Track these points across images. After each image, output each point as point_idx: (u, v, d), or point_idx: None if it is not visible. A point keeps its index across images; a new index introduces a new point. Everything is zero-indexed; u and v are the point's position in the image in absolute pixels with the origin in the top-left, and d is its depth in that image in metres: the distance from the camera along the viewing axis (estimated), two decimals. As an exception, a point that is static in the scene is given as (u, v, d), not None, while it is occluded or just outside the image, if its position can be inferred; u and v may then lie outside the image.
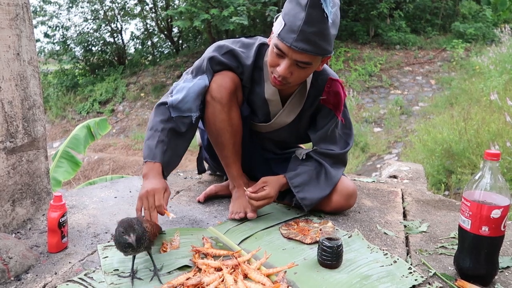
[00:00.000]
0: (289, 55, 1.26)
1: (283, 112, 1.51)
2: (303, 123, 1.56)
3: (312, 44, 1.23)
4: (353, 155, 6.71)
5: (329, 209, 1.53)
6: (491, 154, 1.04)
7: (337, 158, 1.54)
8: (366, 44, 10.80)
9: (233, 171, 1.56)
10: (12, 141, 1.34)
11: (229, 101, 1.43)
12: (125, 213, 1.54)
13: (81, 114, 11.01)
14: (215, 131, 1.47)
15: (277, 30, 1.27)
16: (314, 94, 1.49)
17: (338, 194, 1.51)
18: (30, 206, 1.44)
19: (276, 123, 1.54)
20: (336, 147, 1.54)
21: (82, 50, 13.21)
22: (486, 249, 1.07)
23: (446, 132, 4.48)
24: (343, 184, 1.52)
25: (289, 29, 1.23)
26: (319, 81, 1.48)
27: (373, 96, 9.02)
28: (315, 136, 1.54)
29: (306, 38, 1.22)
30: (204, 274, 1.08)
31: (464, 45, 9.64)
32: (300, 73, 1.31)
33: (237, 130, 1.49)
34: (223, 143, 1.49)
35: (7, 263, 1.10)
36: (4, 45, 1.29)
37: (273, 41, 1.30)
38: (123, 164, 8.22)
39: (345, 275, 1.11)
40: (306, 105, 1.51)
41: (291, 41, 1.23)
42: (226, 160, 1.54)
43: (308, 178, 1.49)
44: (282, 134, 1.60)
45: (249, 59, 1.45)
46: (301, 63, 1.27)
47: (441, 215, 1.58)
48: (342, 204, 1.53)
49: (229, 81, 1.43)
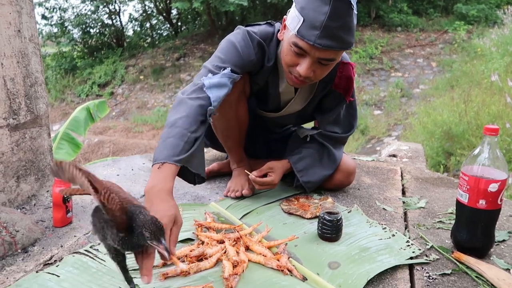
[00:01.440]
0: (311, 53, 1.16)
1: (294, 101, 1.47)
2: (311, 107, 1.53)
3: (337, 39, 1.13)
4: (353, 137, 6.72)
5: (330, 186, 1.56)
6: (490, 129, 1.06)
7: (339, 141, 1.54)
8: (367, 26, 10.69)
9: (235, 155, 1.58)
10: (15, 118, 1.35)
11: (237, 99, 1.42)
12: (128, 190, 1.56)
13: (80, 97, 10.98)
14: (221, 127, 1.48)
15: (294, 27, 1.15)
16: (326, 80, 1.39)
17: (339, 172, 1.53)
18: (34, 183, 1.46)
19: (286, 111, 1.52)
20: (339, 129, 1.52)
21: (80, 32, 13.08)
22: (483, 222, 1.09)
23: (446, 114, 4.48)
24: (344, 162, 1.54)
25: (309, 25, 1.12)
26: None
27: (373, 79, 8.98)
28: (321, 118, 1.52)
29: (330, 34, 1.11)
30: (207, 246, 1.10)
31: (466, 27, 9.55)
32: (323, 70, 1.22)
33: (243, 124, 1.49)
34: (228, 136, 1.51)
35: (14, 236, 1.13)
36: (5, 22, 1.29)
37: (290, 39, 1.18)
38: (123, 147, 8.24)
39: (344, 247, 1.14)
40: (317, 92, 1.46)
41: (313, 38, 1.12)
42: (229, 148, 1.56)
43: (312, 162, 1.48)
44: (289, 119, 1.60)
45: (271, 60, 1.35)
46: (325, 60, 1.18)
47: (440, 192, 1.61)
48: (343, 182, 1.55)
49: (240, 81, 1.35)
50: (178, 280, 0.97)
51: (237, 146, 1.55)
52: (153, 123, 8.91)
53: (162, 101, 9.93)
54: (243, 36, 1.31)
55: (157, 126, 8.79)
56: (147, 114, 9.56)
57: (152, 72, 10.92)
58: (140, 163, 1.88)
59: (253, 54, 1.31)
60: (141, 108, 9.97)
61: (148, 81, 10.82)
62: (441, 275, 1.03)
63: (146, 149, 7.87)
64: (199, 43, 11.76)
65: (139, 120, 9.15)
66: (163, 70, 10.98)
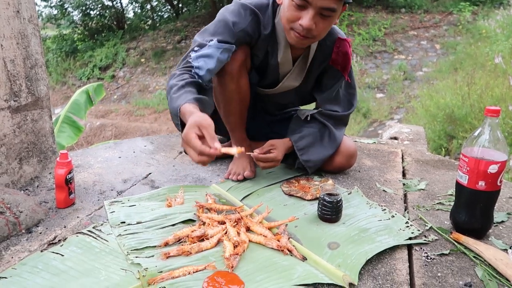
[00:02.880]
0: (313, 3, 1.19)
1: (291, 75, 1.49)
2: (309, 84, 1.55)
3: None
4: (354, 120, 6.70)
5: (331, 169, 1.56)
6: (491, 110, 1.05)
7: (340, 120, 1.55)
8: (370, 7, 10.53)
9: (237, 135, 1.58)
10: (16, 100, 1.36)
11: (238, 71, 1.41)
12: (130, 171, 1.58)
13: (82, 80, 10.93)
14: (223, 100, 1.48)
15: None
16: (322, 55, 1.45)
17: (340, 154, 1.53)
18: (37, 165, 1.47)
19: (283, 87, 1.53)
20: (340, 108, 1.54)
21: (80, 14, 12.93)
22: (482, 203, 1.10)
23: (449, 97, 4.46)
24: (345, 144, 1.54)
25: None
26: (328, 42, 1.44)
27: (376, 61, 8.89)
28: (321, 97, 1.54)
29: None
30: (208, 227, 1.12)
31: (471, 8, 9.39)
32: (325, 24, 1.25)
33: (244, 98, 1.49)
34: (230, 111, 1.50)
35: (18, 217, 1.14)
36: (4, 2, 1.27)
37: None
38: (125, 130, 8.25)
39: (344, 228, 1.15)
40: (314, 67, 1.48)
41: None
42: (231, 125, 1.56)
43: (313, 140, 1.50)
44: (288, 97, 1.60)
45: (267, 28, 1.38)
46: (326, 11, 1.21)
47: (440, 174, 1.61)
48: (344, 164, 1.56)
49: (240, 53, 1.38)
50: (180, 259, 0.99)
51: (239, 123, 1.54)
52: (155, 107, 8.89)
53: (164, 84, 9.88)
54: (235, 7, 1.35)
55: (158, 110, 8.77)
56: (149, 97, 9.53)
57: (153, 55, 10.84)
58: (142, 145, 1.89)
59: (244, 23, 1.33)
60: (143, 91, 9.94)
61: (149, 64, 10.75)
62: (439, 255, 1.05)
63: (148, 132, 7.88)
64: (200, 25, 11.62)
65: (140, 104, 9.13)
66: (164, 52, 10.90)
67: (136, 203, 1.28)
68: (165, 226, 1.15)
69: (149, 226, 1.14)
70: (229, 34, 1.32)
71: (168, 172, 1.58)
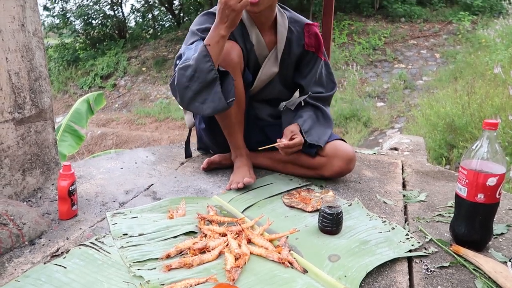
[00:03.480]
0: None
1: (269, 60, 1.61)
2: (289, 71, 1.67)
3: None
4: (355, 129, 6.72)
5: (331, 173, 1.58)
6: (489, 124, 1.06)
7: (326, 100, 1.67)
8: (370, 16, 10.62)
9: (236, 140, 1.60)
10: (20, 112, 1.37)
11: (233, 70, 1.46)
12: (132, 182, 1.59)
13: (83, 88, 10.99)
14: None
15: None
16: (296, 41, 1.62)
17: (339, 158, 1.55)
18: (40, 176, 1.48)
19: (264, 74, 1.63)
20: (323, 89, 1.67)
21: (82, 23, 13.04)
22: (481, 216, 1.10)
23: (449, 107, 4.48)
24: (343, 148, 1.56)
25: None
26: (297, 27, 1.62)
27: (376, 70, 8.94)
28: (305, 81, 1.66)
29: None
30: (210, 239, 1.13)
31: (470, 18, 9.46)
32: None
33: (240, 99, 1.53)
34: (226, 114, 1.53)
35: (21, 229, 1.15)
36: (9, 16, 1.30)
37: None
38: (126, 139, 8.27)
39: (344, 240, 1.16)
40: (291, 52, 1.62)
41: None
42: (229, 129, 1.58)
43: (312, 122, 1.59)
44: (274, 89, 1.69)
45: None
46: None
47: (440, 185, 1.62)
48: (343, 168, 1.57)
49: (233, 53, 1.46)
50: (181, 272, 1.00)
51: (236, 127, 1.58)
52: (156, 115, 8.92)
53: (165, 93, 9.93)
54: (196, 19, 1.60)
55: (159, 118, 8.80)
56: (150, 106, 9.57)
57: (155, 64, 10.91)
58: (144, 156, 1.90)
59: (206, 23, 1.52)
60: (144, 100, 9.98)
61: (150, 73, 10.81)
62: (439, 268, 1.05)
63: (149, 141, 7.90)
64: (202, 34, 11.70)
65: (141, 112, 9.17)
66: (166, 61, 10.96)
67: (138, 214, 1.29)
68: (167, 238, 1.16)
69: (151, 238, 1.15)
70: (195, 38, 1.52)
71: (170, 183, 1.59)
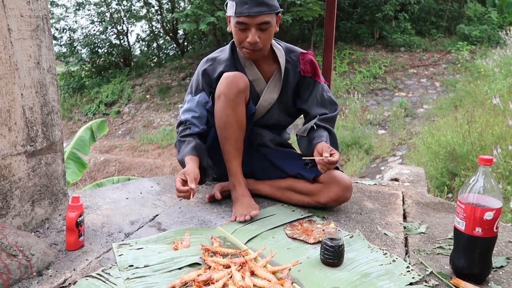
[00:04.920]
0: (251, 23, 1.51)
1: (268, 88, 1.71)
2: (289, 96, 1.75)
3: (263, 5, 1.50)
4: (357, 157, 6.76)
5: (327, 199, 1.60)
6: (484, 160, 1.11)
7: (333, 121, 1.74)
8: (370, 46, 10.85)
9: (233, 166, 1.64)
10: (32, 145, 1.43)
11: (236, 97, 1.55)
12: (137, 213, 1.62)
13: (88, 115, 11.15)
14: (221, 125, 1.59)
15: (232, 11, 1.52)
16: (293, 69, 1.71)
17: (336, 185, 1.58)
18: (48, 207, 1.52)
19: (265, 100, 1.72)
20: (327, 110, 1.73)
21: (88, 52, 13.36)
22: (480, 249, 1.13)
23: (450, 135, 4.52)
24: (341, 176, 1.59)
25: (240, 4, 1.50)
26: (293, 57, 1.72)
27: (377, 98, 9.06)
28: (307, 104, 1.72)
29: (256, 3, 1.49)
30: (214, 271, 1.15)
31: (469, 48, 9.66)
32: (265, 35, 1.56)
33: (241, 126, 1.60)
34: (226, 137, 1.60)
35: (30, 260, 1.18)
36: (26, 55, 1.37)
37: (233, 21, 1.54)
38: (129, 166, 8.32)
39: (346, 273, 1.18)
40: (289, 80, 1.71)
41: (247, 10, 1.49)
42: (228, 154, 1.63)
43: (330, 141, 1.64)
44: (275, 115, 1.76)
45: (226, 54, 1.71)
46: (263, 25, 1.52)
47: (440, 217, 1.65)
48: (340, 195, 1.59)
49: (240, 80, 1.57)
50: (186, 304, 1.02)
51: (235, 154, 1.62)
52: (159, 142, 9.00)
53: (168, 120, 10.05)
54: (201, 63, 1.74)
55: (162, 145, 8.88)
56: (153, 133, 9.67)
57: (159, 91, 11.09)
58: (148, 186, 1.94)
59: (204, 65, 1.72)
60: (147, 127, 10.09)
61: (154, 100, 10.98)
62: (439, 301, 1.07)
63: (152, 168, 7.94)
64: (205, 63, 11.93)
65: (145, 139, 9.26)
66: (169, 89, 11.15)
67: (144, 245, 1.32)
68: (172, 269, 1.18)
69: (156, 270, 1.18)
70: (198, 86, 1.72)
71: (175, 214, 1.62)
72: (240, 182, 1.64)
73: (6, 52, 1.29)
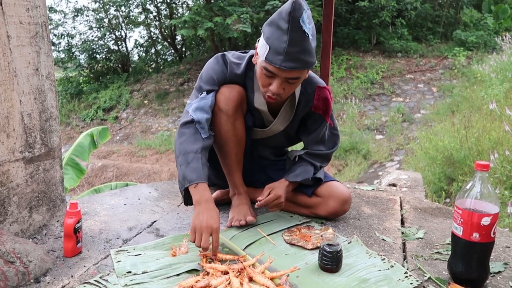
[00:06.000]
0: (279, 74, 1.35)
1: (277, 121, 1.62)
2: (294, 127, 1.68)
3: (298, 61, 1.32)
4: (355, 162, 6.77)
5: (325, 214, 1.61)
6: (481, 165, 1.11)
7: (326, 157, 1.68)
8: (368, 52, 10.90)
9: (235, 178, 1.64)
10: (31, 151, 1.43)
11: (234, 112, 1.52)
12: (135, 219, 1.62)
13: (85, 121, 11.14)
14: (220, 141, 1.56)
15: (263, 54, 1.35)
16: (304, 101, 1.59)
17: (333, 199, 1.59)
18: (46, 213, 1.51)
19: (271, 130, 1.66)
20: (324, 147, 1.67)
21: (86, 57, 13.37)
22: (477, 255, 1.13)
23: (447, 140, 4.54)
24: (338, 190, 1.59)
25: (274, 52, 1.31)
26: (309, 89, 1.58)
27: (375, 104, 9.09)
28: (308, 139, 1.67)
29: (292, 57, 1.31)
30: (212, 277, 1.15)
31: (465, 53, 9.72)
32: (291, 87, 1.42)
33: (240, 140, 1.58)
34: (227, 152, 1.58)
35: (27, 266, 1.18)
36: (25, 61, 1.37)
37: (261, 64, 1.37)
38: (127, 171, 8.30)
39: (344, 279, 1.18)
40: (298, 112, 1.61)
41: (279, 62, 1.31)
42: (228, 168, 1.62)
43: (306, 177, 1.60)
44: (277, 140, 1.72)
45: (240, 69, 1.54)
46: (291, 79, 1.37)
47: (438, 222, 1.65)
48: (338, 210, 1.60)
49: (236, 94, 1.52)
50: (184, 311, 1.02)
51: (236, 166, 1.62)
52: (157, 148, 8.99)
53: (166, 126, 10.05)
54: (215, 58, 1.57)
55: (160, 151, 8.87)
56: (151, 138, 9.67)
57: (157, 97, 11.10)
58: (146, 192, 1.94)
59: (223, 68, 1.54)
60: (145, 133, 10.08)
61: (152, 106, 10.98)
62: (438, 307, 1.07)
63: (150, 174, 7.92)
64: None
65: (142, 145, 9.25)
66: (167, 94, 11.16)
67: (142, 252, 1.32)
68: (170, 276, 1.18)
69: (155, 276, 1.18)
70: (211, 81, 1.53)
71: (173, 220, 1.62)
72: (241, 192, 1.65)
73: (5, 59, 1.30)
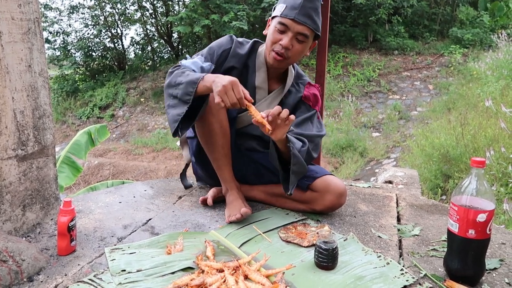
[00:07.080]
0: (292, 28, 1.53)
1: (265, 101, 1.69)
2: None
3: (310, 18, 1.53)
4: (351, 159, 6.78)
5: (322, 207, 1.60)
6: (477, 162, 1.11)
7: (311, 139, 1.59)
8: (364, 49, 10.91)
9: (225, 173, 1.64)
10: (24, 149, 1.41)
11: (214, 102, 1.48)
12: (130, 217, 1.61)
13: (81, 119, 11.09)
14: (205, 133, 1.58)
15: (279, 11, 1.55)
16: (294, 93, 1.71)
17: (330, 193, 1.58)
18: (39, 211, 1.50)
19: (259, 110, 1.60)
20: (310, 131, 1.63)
21: (82, 55, 13.30)
22: (473, 251, 1.13)
23: (444, 137, 4.55)
24: (334, 183, 1.59)
25: (291, 7, 1.53)
26: (300, 83, 1.73)
27: (371, 101, 9.10)
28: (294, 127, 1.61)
29: (306, 12, 1.52)
30: (207, 275, 1.14)
31: (461, 51, 9.74)
32: (298, 47, 1.57)
33: (225, 132, 1.59)
34: (213, 144, 1.59)
35: (20, 265, 1.17)
36: (17, 58, 1.36)
37: (275, 21, 1.56)
38: (123, 169, 8.27)
39: (340, 276, 1.18)
40: (288, 101, 1.70)
41: (294, 15, 1.52)
42: (217, 162, 1.62)
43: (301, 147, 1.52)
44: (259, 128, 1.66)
45: (244, 49, 1.70)
46: (301, 36, 1.54)
47: (434, 219, 1.65)
48: (334, 203, 1.60)
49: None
50: (179, 309, 1.01)
51: (224, 160, 1.61)
52: (153, 146, 8.97)
53: (163, 123, 10.02)
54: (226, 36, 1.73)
55: (157, 149, 8.84)
56: (147, 136, 9.64)
57: (153, 95, 11.06)
58: (142, 190, 1.93)
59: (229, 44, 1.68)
60: (142, 130, 10.05)
61: (148, 104, 10.95)
62: (433, 304, 1.07)
63: (146, 172, 7.90)
64: (200, 66, 11.92)
65: (139, 142, 9.22)
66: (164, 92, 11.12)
67: (137, 250, 1.31)
68: (164, 274, 1.17)
69: (149, 274, 1.17)
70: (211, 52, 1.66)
71: (168, 218, 1.61)
72: (233, 187, 1.64)
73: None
